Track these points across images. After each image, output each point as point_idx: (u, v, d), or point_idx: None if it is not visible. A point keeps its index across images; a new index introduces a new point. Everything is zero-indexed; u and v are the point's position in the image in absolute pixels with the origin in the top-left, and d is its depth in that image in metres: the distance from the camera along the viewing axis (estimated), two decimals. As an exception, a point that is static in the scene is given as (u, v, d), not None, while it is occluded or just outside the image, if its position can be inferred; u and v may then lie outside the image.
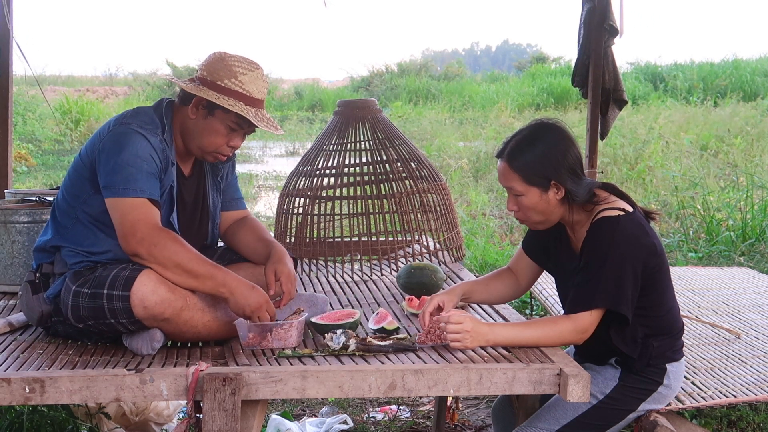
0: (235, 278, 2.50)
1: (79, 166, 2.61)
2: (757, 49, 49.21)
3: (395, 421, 3.99)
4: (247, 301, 2.47)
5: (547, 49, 59.06)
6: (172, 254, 2.43)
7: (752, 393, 2.74)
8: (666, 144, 11.83)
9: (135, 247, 2.43)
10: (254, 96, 2.60)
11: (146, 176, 2.49)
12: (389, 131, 3.97)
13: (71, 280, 2.47)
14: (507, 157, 2.50)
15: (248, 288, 2.49)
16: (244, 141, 2.74)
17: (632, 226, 2.43)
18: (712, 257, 6.82)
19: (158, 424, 3.55)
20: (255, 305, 2.48)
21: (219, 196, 2.85)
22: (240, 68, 2.61)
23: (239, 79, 2.59)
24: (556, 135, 2.50)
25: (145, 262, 2.43)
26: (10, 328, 2.67)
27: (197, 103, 2.60)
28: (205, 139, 2.61)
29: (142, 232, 2.42)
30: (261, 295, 2.50)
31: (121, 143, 2.50)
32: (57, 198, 2.67)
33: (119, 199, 2.46)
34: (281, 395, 2.20)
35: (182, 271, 2.43)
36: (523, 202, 2.50)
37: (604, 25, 4.72)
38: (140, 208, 2.46)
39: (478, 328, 2.38)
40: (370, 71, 25.36)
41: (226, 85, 2.58)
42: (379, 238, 3.90)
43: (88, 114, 16.78)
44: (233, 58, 2.63)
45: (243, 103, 2.57)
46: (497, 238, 7.81)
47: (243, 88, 2.59)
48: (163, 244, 2.43)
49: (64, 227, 2.59)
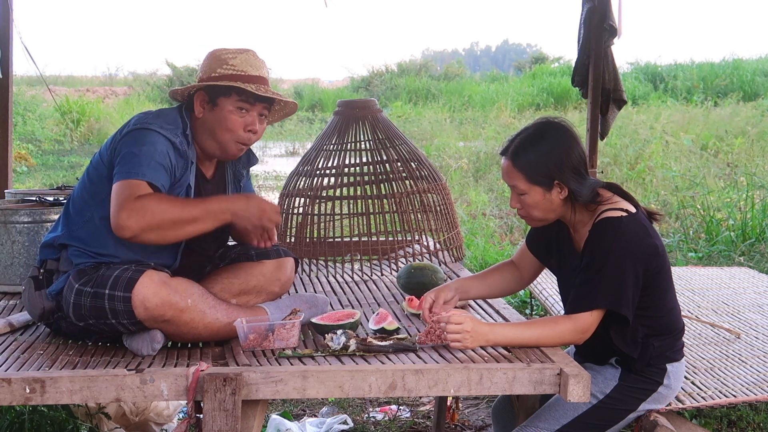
0: (227, 198, 2.54)
1: (98, 164, 2.58)
2: (757, 49, 49.26)
3: (395, 421, 3.99)
4: (250, 212, 2.48)
5: (547, 49, 59.11)
6: (162, 214, 2.37)
7: (752, 393, 2.74)
8: (666, 144, 11.83)
9: (125, 222, 2.33)
10: (250, 73, 2.60)
11: (154, 165, 2.45)
12: (389, 131, 3.97)
13: (74, 278, 2.47)
14: (511, 155, 2.50)
15: (244, 200, 2.52)
16: (264, 127, 2.71)
17: (634, 226, 2.43)
18: (712, 257, 6.83)
19: (158, 424, 3.55)
20: (258, 212, 2.49)
21: None
22: (229, 54, 2.62)
23: (231, 64, 2.60)
24: (561, 134, 2.50)
25: (140, 237, 2.37)
26: (11, 328, 2.67)
27: (199, 101, 2.61)
28: (219, 130, 2.60)
29: (127, 209, 2.34)
30: (259, 201, 2.52)
31: (139, 140, 2.48)
32: (73, 195, 2.65)
33: (120, 181, 2.41)
34: (281, 395, 2.20)
35: (181, 224, 2.40)
36: (526, 200, 2.50)
37: (604, 25, 4.72)
38: (135, 187, 2.39)
39: (479, 328, 2.38)
40: (370, 71, 25.37)
41: (219, 73, 2.59)
42: (379, 238, 3.90)
43: (88, 114, 16.80)
44: (222, 49, 2.64)
45: (240, 81, 2.58)
46: (497, 238, 7.81)
47: (236, 69, 2.59)
48: (150, 209, 2.35)
49: (75, 224, 2.57)
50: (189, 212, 2.42)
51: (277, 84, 24.28)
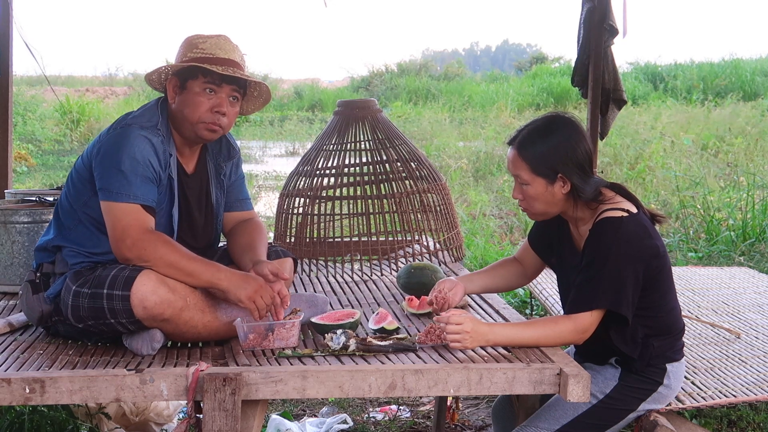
0: (228, 270, 2.50)
1: (80, 167, 2.61)
2: (757, 49, 49.30)
3: (395, 421, 3.99)
4: (244, 290, 2.46)
5: (547, 49, 59.13)
6: (162, 255, 2.43)
7: (752, 393, 2.74)
8: (666, 144, 11.83)
9: (125, 253, 2.45)
10: (218, 56, 2.59)
11: (142, 181, 2.49)
12: (389, 131, 3.97)
13: (71, 280, 2.47)
14: (518, 145, 2.51)
15: (242, 277, 2.50)
16: (237, 111, 2.68)
17: (635, 227, 2.43)
18: (712, 257, 6.82)
19: (158, 424, 3.55)
20: (252, 291, 2.46)
21: (223, 196, 2.84)
22: (200, 39, 2.62)
23: (200, 48, 2.60)
24: (569, 129, 2.51)
25: (135, 264, 2.44)
26: (10, 328, 2.67)
27: (171, 87, 2.62)
28: (188, 112, 2.59)
29: (131, 238, 2.43)
30: (256, 280, 2.50)
31: (119, 144, 2.50)
32: (60, 198, 2.67)
33: (113, 203, 2.47)
34: (281, 395, 2.20)
35: (175, 270, 2.44)
36: (529, 191, 2.51)
37: (603, 25, 4.72)
38: (132, 214, 2.46)
39: (478, 329, 2.38)
40: (370, 71, 25.38)
41: (188, 57, 2.60)
42: (379, 238, 3.90)
43: (88, 114, 16.80)
44: (196, 35, 2.65)
45: (207, 64, 2.57)
46: (497, 238, 7.81)
47: (205, 52, 2.59)
48: (152, 248, 2.43)
49: (67, 228, 2.59)
50: (185, 264, 2.45)
51: (277, 84, 24.28)
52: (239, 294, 2.46)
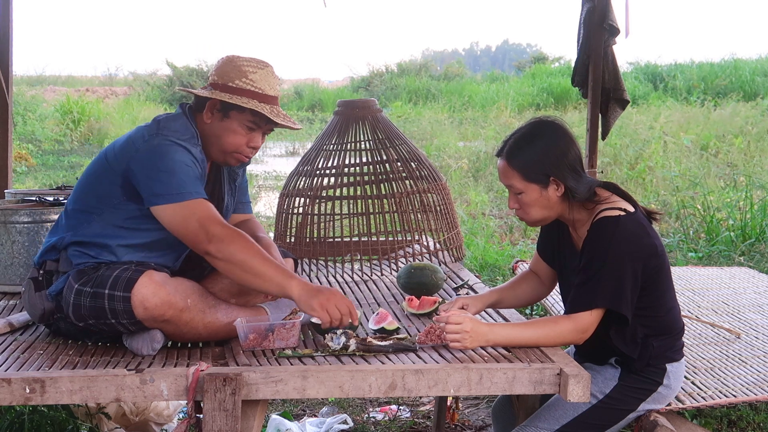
0: (299, 281, 2.47)
1: (107, 171, 2.55)
2: (757, 49, 49.28)
3: (395, 421, 3.99)
4: (317, 298, 2.44)
5: (547, 49, 59.10)
6: (238, 251, 2.42)
7: (752, 393, 2.74)
8: (666, 144, 11.83)
9: (206, 246, 2.43)
10: (267, 93, 2.60)
11: (194, 180, 2.49)
12: (389, 131, 3.97)
13: (74, 279, 2.47)
14: (506, 155, 2.51)
15: (312, 290, 2.47)
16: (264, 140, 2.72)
17: (633, 226, 2.43)
18: (712, 257, 6.83)
19: (158, 424, 3.55)
20: (325, 299, 2.44)
21: (233, 202, 2.86)
22: (250, 67, 2.61)
23: (250, 78, 2.59)
24: (554, 132, 2.51)
25: (215, 259, 2.44)
26: (11, 328, 2.67)
27: (211, 108, 2.60)
28: (225, 141, 2.61)
29: (213, 230, 2.43)
30: (330, 290, 2.49)
31: (161, 152, 2.48)
32: (74, 197, 2.63)
33: (176, 204, 2.44)
34: (281, 395, 2.21)
35: (246, 269, 2.43)
36: (524, 199, 2.51)
37: (603, 25, 4.72)
38: (202, 207, 2.46)
39: (478, 329, 2.38)
40: (370, 71, 25.37)
41: (237, 85, 2.58)
42: (379, 238, 3.90)
43: (88, 114, 16.79)
44: (242, 58, 2.64)
45: (256, 100, 2.58)
46: (497, 238, 7.81)
47: (255, 86, 2.59)
48: (230, 240, 2.43)
49: (79, 227, 2.56)
50: (257, 264, 2.43)
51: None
52: (312, 302, 2.44)
